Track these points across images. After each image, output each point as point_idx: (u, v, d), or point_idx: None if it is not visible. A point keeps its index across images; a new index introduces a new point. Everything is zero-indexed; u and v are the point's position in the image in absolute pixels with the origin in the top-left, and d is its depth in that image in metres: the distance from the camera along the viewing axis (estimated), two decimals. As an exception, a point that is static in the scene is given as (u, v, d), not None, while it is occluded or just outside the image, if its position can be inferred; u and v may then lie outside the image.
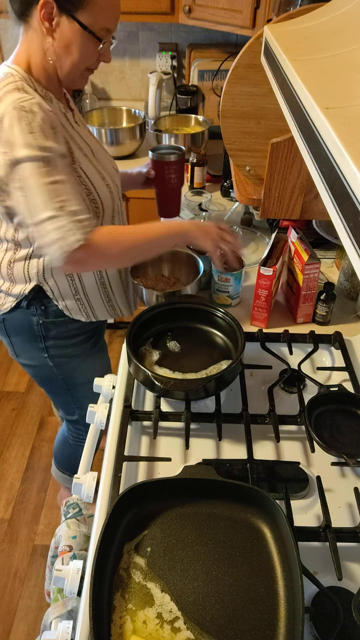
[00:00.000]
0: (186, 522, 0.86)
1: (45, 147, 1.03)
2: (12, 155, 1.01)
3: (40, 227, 1.04)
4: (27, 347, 1.36)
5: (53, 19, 1.05)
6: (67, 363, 1.41)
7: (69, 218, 1.03)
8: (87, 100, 2.45)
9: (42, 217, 1.03)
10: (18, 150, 1.01)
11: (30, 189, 1.03)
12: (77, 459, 1.72)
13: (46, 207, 1.02)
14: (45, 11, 1.04)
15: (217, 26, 1.90)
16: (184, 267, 1.43)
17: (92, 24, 1.07)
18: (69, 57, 1.10)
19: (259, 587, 0.78)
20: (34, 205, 1.03)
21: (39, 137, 1.02)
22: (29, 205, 1.04)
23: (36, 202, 1.03)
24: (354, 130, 0.36)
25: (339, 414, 1.04)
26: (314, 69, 0.52)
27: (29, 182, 1.02)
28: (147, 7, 1.99)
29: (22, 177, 1.02)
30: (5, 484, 2.07)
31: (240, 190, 1.21)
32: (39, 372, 1.45)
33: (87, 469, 1.09)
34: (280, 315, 1.37)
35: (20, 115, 1.00)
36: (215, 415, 1.06)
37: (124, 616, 0.75)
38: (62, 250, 1.04)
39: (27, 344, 1.35)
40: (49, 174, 1.03)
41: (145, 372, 1.02)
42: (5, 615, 1.69)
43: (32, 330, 1.31)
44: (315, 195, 1.06)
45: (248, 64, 1.04)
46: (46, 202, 1.02)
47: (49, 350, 1.36)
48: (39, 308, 1.28)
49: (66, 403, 1.55)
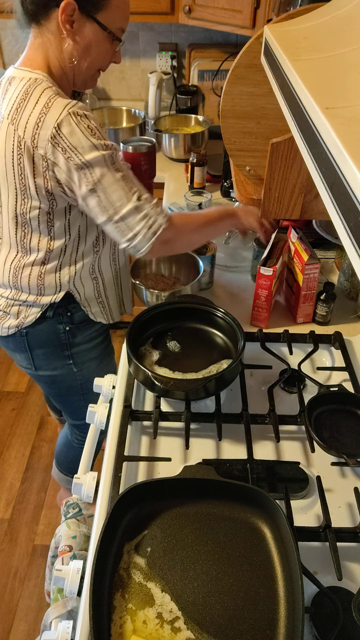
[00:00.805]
0: (186, 522, 0.86)
1: (106, 145, 1.05)
2: (78, 160, 1.03)
3: (127, 220, 1.08)
4: (50, 358, 1.36)
5: (74, 22, 1.05)
6: (88, 367, 1.43)
7: (149, 205, 1.09)
8: (87, 100, 2.45)
9: (125, 210, 1.07)
10: (86, 154, 1.03)
11: (107, 188, 1.05)
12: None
13: (127, 200, 1.07)
14: (66, 14, 1.04)
15: (217, 26, 1.90)
16: (183, 267, 1.43)
17: (110, 24, 1.08)
18: (87, 59, 1.11)
19: (259, 587, 0.78)
20: (114, 201, 1.06)
21: (99, 137, 1.04)
22: (110, 202, 1.07)
23: (116, 198, 1.06)
24: (354, 130, 0.36)
25: (339, 414, 1.04)
26: (314, 69, 0.52)
27: (104, 181, 1.05)
28: (147, 7, 1.99)
29: (95, 179, 1.04)
30: (5, 484, 2.07)
31: (240, 190, 1.21)
32: (58, 382, 1.44)
33: (87, 469, 1.09)
34: (280, 315, 1.37)
35: (78, 120, 1.02)
36: (215, 415, 1.06)
37: (124, 616, 0.75)
38: (154, 234, 1.09)
39: (51, 355, 1.36)
40: (118, 170, 1.06)
41: (145, 372, 1.02)
42: (5, 615, 1.69)
43: (59, 339, 1.32)
44: (315, 195, 1.06)
45: (248, 64, 1.04)
46: (125, 196, 1.06)
47: (74, 356, 1.37)
48: (65, 315, 1.29)
49: (78, 408, 1.54)
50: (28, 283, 1.23)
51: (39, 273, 1.22)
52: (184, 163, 2.16)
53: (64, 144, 1.02)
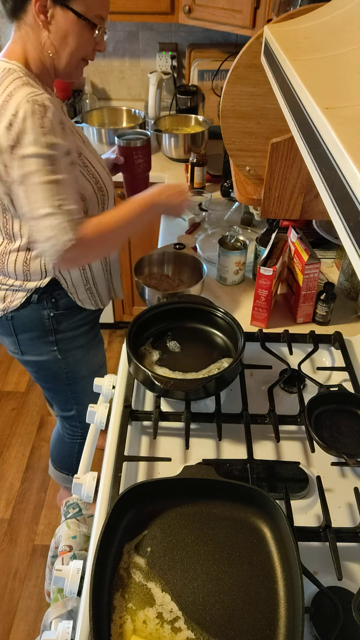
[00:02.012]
0: (186, 522, 0.86)
1: (53, 144, 1.04)
2: (19, 150, 1.03)
3: (38, 222, 1.06)
4: (35, 343, 1.37)
5: (48, 11, 1.06)
6: (73, 355, 1.43)
7: (64, 217, 1.06)
8: (87, 100, 2.45)
9: (40, 212, 1.05)
10: (26, 147, 1.02)
11: (33, 185, 1.04)
12: (73, 457, 1.73)
13: (45, 203, 1.05)
14: (39, 4, 1.05)
15: (217, 26, 1.90)
16: (188, 269, 1.43)
17: (86, 11, 1.08)
18: (66, 48, 1.11)
19: (259, 587, 0.78)
20: (34, 201, 1.05)
21: (48, 134, 1.04)
22: (29, 200, 1.06)
23: (37, 198, 1.05)
24: (354, 130, 0.36)
25: (339, 414, 1.04)
26: (314, 69, 0.52)
27: (32, 178, 1.04)
28: (147, 7, 2.00)
29: (26, 172, 1.04)
30: (5, 484, 2.07)
31: (240, 190, 1.21)
32: (44, 368, 1.46)
33: (87, 469, 1.09)
34: (280, 315, 1.37)
35: (34, 109, 1.02)
36: (215, 415, 1.06)
37: (124, 616, 0.75)
38: (55, 249, 1.07)
39: (36, 340, 1.37)
40: (53, 172, 1.05)
41: (145, 372, 1.02)
42: (5, 615, 1.69)
43: (43, 324, 1.33)
44: (315, 195, 1.06)
45: (248, 64, 1.04)
46: (46, 199, 1.05)
47: (58, 343, 1.38)
48: (50, 301, 1.30)
49: (65, 399, 1.56)
50: (14, 269, 1.24)
51: (24, 259, 1.22)
52: (184, 163, 2.16)
53: (16, 127, 1.02)
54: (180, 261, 1.43)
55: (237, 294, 1.46)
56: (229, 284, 1.48)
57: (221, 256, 1.44)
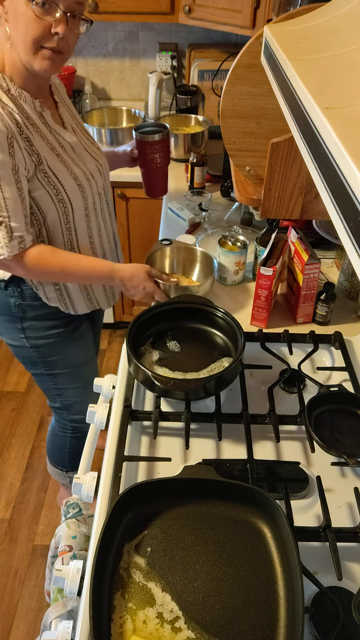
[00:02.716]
0: (186, 522, 0.86)
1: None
2: None
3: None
4: (7, 327, 1.38)
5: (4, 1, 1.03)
6: (45, 347, 1.42)
7: (2, 233, 1.10)
8: (87, 100, 2.45)
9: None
10: None
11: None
12: (65, 451, 1.73)
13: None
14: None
15: (217, 26, 1.90)
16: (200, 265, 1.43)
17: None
18: (19, 36, 1.05)
19: (259, 587, 0.78)
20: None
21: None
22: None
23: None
24: (354, 130, 0.36)
25: (339, 414, 1.04)
26: (314, 69, 0.52)
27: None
28: (147, 7, 1.99)
29: None
30: (5, 484, 2.07)
31: (240, 190, 1.21)
32: (20, 353, 1.46)
33: (87, 469, 1.09)
34: (280, 315, 1.37)
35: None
36: (215, 415, 1.06)
37: (124, 616, 0.75)
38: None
39: (7, 324, 1.37)
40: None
41: (145, 372, 1.02)
42: (5, 615, 1.69)
43: (10, 311, 1.33)
44: (315, 195, 1.06)
45: (248, 64, 1.04)
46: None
47: (25, 331, 1.37)
48: (16, 290, 1.30)
49: (47, 389, 1.57)
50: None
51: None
52: (184, 163, 2.16)
53: None
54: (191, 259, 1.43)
55: (237, 294, 1.46)
56: (229, 284, 1.48)
57: (221, 256, 1.44)
